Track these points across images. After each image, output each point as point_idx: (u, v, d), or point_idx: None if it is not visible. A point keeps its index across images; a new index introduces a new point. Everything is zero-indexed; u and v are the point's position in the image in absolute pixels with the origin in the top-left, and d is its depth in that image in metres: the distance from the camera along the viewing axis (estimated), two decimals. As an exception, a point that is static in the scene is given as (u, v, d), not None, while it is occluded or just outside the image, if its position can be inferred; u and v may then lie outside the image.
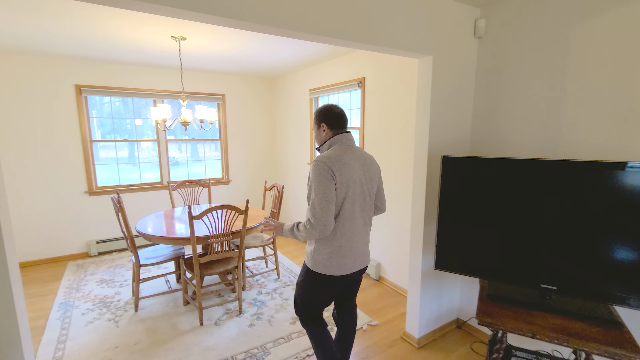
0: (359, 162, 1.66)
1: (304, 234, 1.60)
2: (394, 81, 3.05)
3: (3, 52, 3.53)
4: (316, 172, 1.55)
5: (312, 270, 1.68)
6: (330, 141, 1.69)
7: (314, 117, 1.76)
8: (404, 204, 3.07)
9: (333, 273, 1.64)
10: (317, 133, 1.77)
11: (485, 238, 1.80)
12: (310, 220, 1.55)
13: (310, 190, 1.57)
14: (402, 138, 3.03)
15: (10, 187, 3.75)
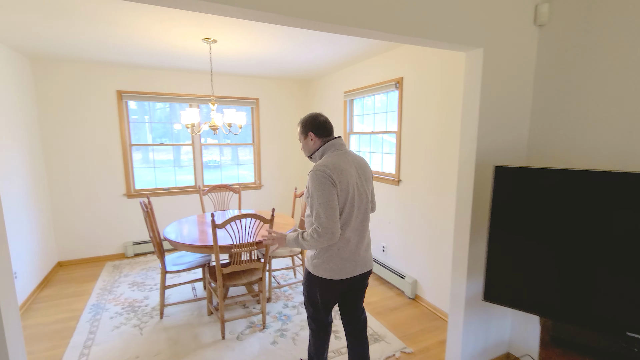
0: (354, 166, 1.68)
1: (311, 243, 1.59)
2: (435, 80, 2.76)
3: (51, 60, 3.72)
4: (316, 181, 1.56)
5: (313, 274, 1.71)
6: (322, 148, 1.71)
7: (300, 128, 1.77)
8: (446, 217, 2.75)
9: (333, 277, 1.67)
10: (304, 143, 1.78)
11: (550, 266, 1.47)
12: (317, 229, 1.56)
13: (313, 200, 1.58)
14: (443, 143, 2.72)
15: (55, 189, 3.94)
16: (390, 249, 3.47)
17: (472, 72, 1.85)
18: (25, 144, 3.36)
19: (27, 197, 3.32)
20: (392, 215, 3.40)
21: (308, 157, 1.80)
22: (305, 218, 1.73)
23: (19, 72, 3.40)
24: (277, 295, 3.20)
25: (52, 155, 3.89)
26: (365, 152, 3.93)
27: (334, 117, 4.44)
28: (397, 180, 3.26)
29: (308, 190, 1.61)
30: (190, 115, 2.81)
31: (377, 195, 3.63)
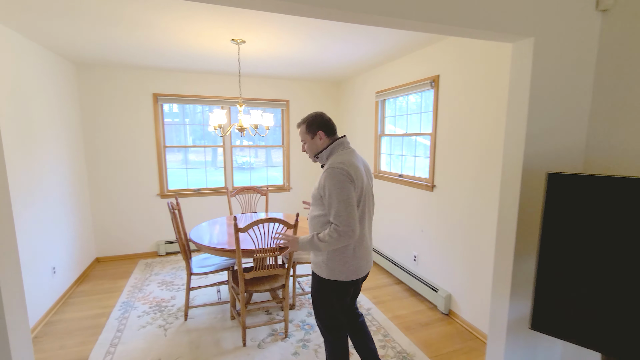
0: (361, 164, 1.70)
1: (330, 243, 1.56)
2: (475, 77, 2.52)
3: (94, 65, 3.90)
4: (335, 179, 1.55)
5: (328, 279, 1.67)
6: (331, 147, 1.72)
7: (306, 126, 1.74)
8: (485, 228, 2.50)
9: (350, 278, 1.67)
10: (311, 143, 1.75)
11: (618, 293, 1.23)
12: (338, 228, 1.53)
13: (331, 199, 1.56)
14: (484, 147, 2.48)
15: (94, 188, 4.12)
16: (422, 258, 3.24)
17: (520, 65, 1.63)
18: (68, 146, 3.53)
19: (68, 196, 3.49)
20: (425, 223, 3.18)
21: (313, 157, 1.78)
22: (312, 219, 1.70)
23: (65, 77, 3.59)
24: (301, 302, 3.10)
25: (92, 156, 4.08)
26: (397, 155, 3.74)
27: (365, 118, 4.28)
28: (431, 185, 3.04)
29: (323, 188, 1.59)
30: (218, 116, 2.79)
31: (409, 200, 3.42)
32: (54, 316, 2.92)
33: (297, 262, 2.95)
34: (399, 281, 3.58)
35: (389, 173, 3.83)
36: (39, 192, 2.91)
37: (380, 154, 4.02)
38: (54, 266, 3.08)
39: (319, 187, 1.64)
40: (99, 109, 4.03)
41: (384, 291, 3.36)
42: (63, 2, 2.09)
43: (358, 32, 2.65)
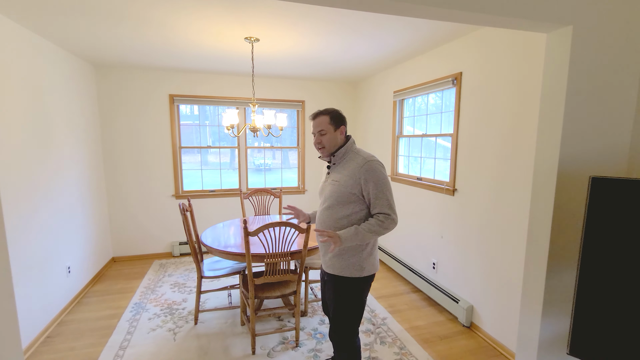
0: None
1: (380, 232, 1.59)
2: (502, 73, 2.35)
3: (112, 67, 3.94)
4: (379, 171, 1.60)
5: (361, 277, 1.67)
6: (347, 145, 1.70)
7: (330, 117, 1.67)
8: (511, 235, 2.32)
9: (376, 268, 1.74)
10: (333, 137, 1.68)
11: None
12: (392, 216, 1.60)
13: (380, 190, 1.59)
14: (509, 148, 2.30)
15: (112, 188, 4.15)
16: (442, 266, 3.07)
17: (555, 58, 1.47)
18: (87, 146, 3.57)
19: (86, 196, 3.52)
20: (445, 229, 3.01)
21: (328, 152, 1.70)
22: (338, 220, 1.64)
23: (85, 78, 3.63)
24: (314, 309, 2.98)
25: (110, 156, 4.12)
26: (415, 157, 3.58)
27: (382, 119, 4.13)
28: (452, 189, 2.87)
29: (365, 183, 1.58)
30: (230, 116, 2.72)
31: (428, 205, 3.26)
32: (67, 316, 2.93)
33: (309, 267, 2.84)
34: (416, 289, 3.41)
35: (407, 176, 3.67)
36: (55, 192, 2.93)
37: (398, 155, 3.87)
38: (69, 265, 3.10)
39: (353, 184, 1.59)
40: (116, 110, 4.07)
41: (401, 299, 3.20)
42: (75, 1, 2.07)
43: (376, 29, 2.52)
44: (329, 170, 1.75)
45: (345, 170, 1.64)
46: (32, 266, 2.54)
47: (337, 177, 1.66)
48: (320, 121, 1.67)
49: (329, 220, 1.66)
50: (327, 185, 1.70)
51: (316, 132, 1.68)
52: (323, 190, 1.74)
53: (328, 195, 1.66)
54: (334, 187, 1.64)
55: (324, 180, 1.79)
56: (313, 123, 1.70)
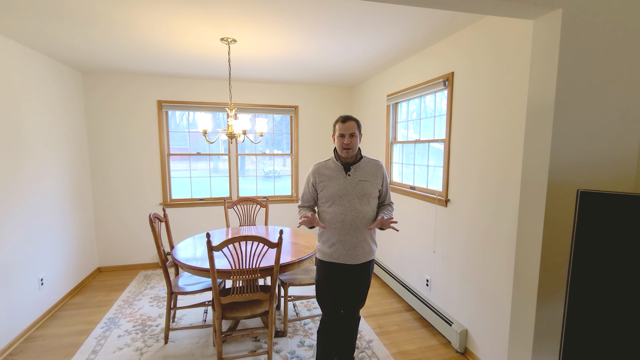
0: None
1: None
2: (495, 73, 2.12)
3: (100, 73, 3.86)
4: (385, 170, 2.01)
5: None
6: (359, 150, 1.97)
7: (357, 125, 1.89)
8: (506, 252, 2.06)
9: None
10: (357, 141, 1.90)
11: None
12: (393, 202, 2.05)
13: (387, 186, 1.99)
14: (506, 155, 2.06)
15: (98, 196, 4.05)
16: (436, 284, 2.81)
17: (544, 47, 1.25)
18: (71, 153, 3.47)
19: (69, 204, 3.41)
20: (438, 243, 2.76)
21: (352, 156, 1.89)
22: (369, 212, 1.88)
23: (71, 84, 3.56)
24: (294, 329, 2.76)
25: (97, 163, 4.02)
26: (408, 164, 3.35)
27: (376, 125, 3.92)
28: (445, 199, 2.63)
29: (383, 180, 1.95)
30: (204, 122, 2.56)
31: (420, 216, 3.01)
32: (37, 331, 2.79)
33: (289, 284, 2.63)
34: (409, 307, 3.15)
35: (401, 185, 3.43)
36: (28, 201, 2.81)
37: (392, 162, 3.64)
38: (42, 277, 2.97)
39: (380, 182, 1.93)
40: (104, 116, 3.98)
41: (392, 319, 2.94)
42: (50, 6, 1.96)
43: (363, 28, 2.34)
44: (349, 172, 1.89)
45: (367, 172, 1.91)
46: None
47: (363, 177, 1.89)
48: (351, 125, 1.86)
49: (369, 214, 1.89)
50: (355, 185, 1.87)
51: (347, 134, 1.85)
52: (348, 190, 1.86)
53: (361, 193, 1.86)
54: (365, 186, 1.87)
55: (341, 182, 1.88)
56: (343, 126, 1.86)
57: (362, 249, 1.89)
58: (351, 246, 1.86)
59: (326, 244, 1.92)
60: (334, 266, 1.92)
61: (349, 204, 1.85)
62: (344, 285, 1.96)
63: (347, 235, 1.85)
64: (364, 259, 1.91)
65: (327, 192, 1.88)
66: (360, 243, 1.88)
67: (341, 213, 1.85)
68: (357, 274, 1.93)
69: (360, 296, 1.98)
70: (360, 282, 1.95)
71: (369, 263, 1.96)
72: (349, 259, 1.88)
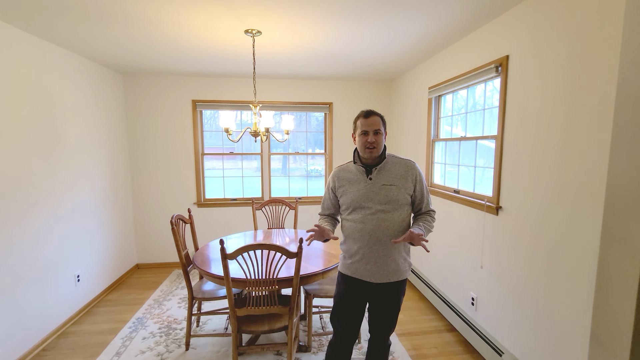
0: None
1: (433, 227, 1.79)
2: (562, 55, 1.71)
3: (139, 74, 3.94)
4: (421, 171, 1.69)
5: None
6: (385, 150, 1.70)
7: (382, 121, 1.64)
8: (578, 272, 1.65)
9: None
10: (383, 139, 1.64)
11: None
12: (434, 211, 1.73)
13: (424, 189, 1.67)
14: (577, 155, 1.65)
15: (138, 195, 4.15)
16: (483, 303, 2.43)
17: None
18: (112, 153, 3.57)
19: (107, 202, 3.50)
20: (486, 257, 2.37)
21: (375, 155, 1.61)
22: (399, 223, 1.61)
23: (113, 86, 3.69)
24: (320, 344, 2.54)
25: (137, 162, 4.12)
26: (452, 165, 2.96)
27: (416, 121, 3.56)
28: (495, 206, 2.24)
29: (419, 182, 1.65)
30: (226, 119, 2.43)
31: (465, 224, 2.63)
32: (72, 326, 2.86)
33: (314, 295, 2.42)
34: (450, 327, 2.78)
35: (443, 188, 3.06)
36: (67, 200, 2.90)
37: (433, 163, 3.27)
38: (78, 274, 3.06)
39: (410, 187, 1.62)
40: (143, 117, 4.07)
41: (430, 340, 2.61)
42: (84, 7, 1.94)
43: (401, 12, 2.05)
44: (371, 175, 1.63)
45: (394, 174, 1.62)
46: (32, 275, 2.49)
47: (389, 181, 1.61)
48: (376, 120, 1.60)
49: (397, 225, 1.60)
50: (377, 190, 1.60)
51: (371, 130, 1.59)
52: (369, 195, 1.60)
53: (386, 199, 1.59)
54: (390, 191, 1.60)
55: (362, 186, 1.63)
56: (366, 122, 1.60)
57: (386, 265, 1.60)
58: (373, 260, 1.60)
59: (346, 255, 1.69)
60: (355, 282, 1.67)
61: (371, 211, 1.59)
62: (365, 306, 1.71)
63: (368, 247, 1.59)
64: (391, 278, 1.62)
65: (346, 198, 1.65)
66: (384, 258, 1.60)
67: (360, 221, 1.60)
68: (381, 295, 1.66)
69: (385, 322, 1.70)
70: (385, 305, 1.67)
71: (399, 284, 1.66)
72: (370, 275, 1.62)
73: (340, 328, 1.72)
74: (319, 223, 1.67)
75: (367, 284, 1.65)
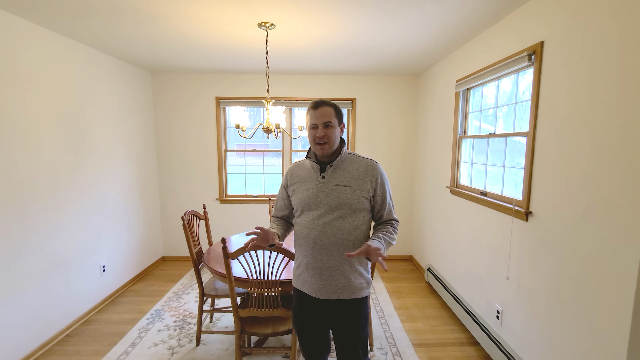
0: None
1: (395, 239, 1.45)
2: (608, 37, 1.47)
3: (162, 71, 4.05)
4: (384, 173, 1.47)
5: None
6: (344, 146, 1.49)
7: (336, 112, 1.42)
8: (622, 287, 1.42)
9: None
10: (337, 133, 1.43)
11: None
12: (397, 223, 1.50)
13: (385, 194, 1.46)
14: (623, 154, 1.41)
15: (164, 189, 4.29)
16: (509, 318, 2.20)
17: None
18: (139, 149, 3.70)
19: (134, 196, 3.64)
20: (513, 267, 2.14)
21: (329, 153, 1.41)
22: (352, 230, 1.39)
23: (142, 84, 3.83)
24: (330, 349, 2.44)
25: (164, 158, 4.25)
26: (479, 164, 2.73)
27: (444, 117, 3.34)
28: (525, 211, 2.01)
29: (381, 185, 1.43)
30: (237, 116, 2.39)
31: (490, 229, 2.40)
32: (96, 314, 2.99)
33: (323, 298, 2.32)
34: (473, 340, 2.56)
35: (469, 189, 2.83)
36: (94, 193, 3.02)
37: (460, 162, 3.03)
38: (104, 264, 3.19)
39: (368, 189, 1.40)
40: (170, 113, 4.18)
41: (450, 353, 2.42)
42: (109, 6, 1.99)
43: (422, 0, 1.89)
44: (324, 173, 1.42)
45: (351, 174, 1.41)
46: (59, 264, 2.62)
47: (343, 181, 1.40)
48: (325, 112, 1.39)
49: (342, 234, 1.38)
50: (329, 190, 1.39)
51: (320, 123, 1.38)
52: (319, 196, 1.40)
53: (337, 202, 1.38)
54: (343, 193, 1.38)
55: (313, 185, 1.42)
56: (315, 113, 1.39)
57: (332, 279, 1.38)
58: (318, 272, 1.39)
59: (295, 264, 1.52)
60: (304, 298, 1.46)
61: (318, 215, 1.38)
62: (326, 329, 1.50)
63: (312, 256, 1.39)
64: (341, 295, 1.39)
65: (296, 197, 1.46)
66: (330, 270, 1.37)
67: (306, 226, 1.40)
68: (336, 316, 1.42)
69: (345, 348, 1.44)
70: (342, 328, 1.43)
71: (354, 303, 1.41)
72: (316, 290, 1.40)
73: (303, 353, 1.56)
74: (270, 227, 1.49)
75: (317, 301, 1.42)
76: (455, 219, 3.02)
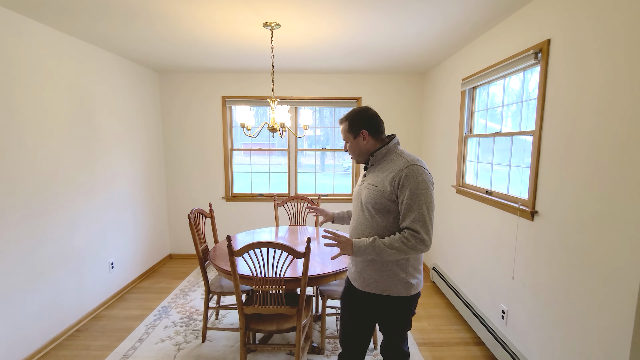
0: None
1: (401, 251, 1.32)
2: (617, 36, 1.45)
3: (169, 71, 4.10)
4: (423, 178, 1.34)
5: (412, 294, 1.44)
6: (390, 145, 1.45)
7: (347, 125, 1.47)
8: (624, 300, 1.41)
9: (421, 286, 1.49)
10: (354, 144, 1.48)
11: None
12: (418, 235, 1.31)
13: (415, 200, 1.32)
14: (630, 154, 1.39)
15: (171, 188, 4.34)
16: (514, 318, 2.19)
17: None
18: (146, 148, 3.75)
19: (142, 194, 3.69)
20: (519, 267, 2.13)
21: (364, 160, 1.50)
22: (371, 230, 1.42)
23: (149, 83, 3.87)
24: (334, 346, 2.46)
25: (171, 157, 4.30)
26: (485, 164, 2.71)
27: (450, 116, 3.32)
28: (530, 210, 1.99)
29: (400, 189, 1.34)
30: (242, 115, 2.41)
31: (496, 229, 2.39)
32: (104, 310, 3.05)
33: (328, 296, 2.34)
34: (478, 340, 2.55)
35: (475, 188, 2.81)
36: (103, 192, 3.08)
37: (465, 161, 3.02)
38: (112, 262, 3.25)
39: (391, 190, 1.35)
40: (177, 113, 4.22)
41: (454, 353, 2.41)
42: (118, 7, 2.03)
43: None
44: (366, 172, 1.53)
45: (383, 174, 1.41)
46: (69, 261, 2.67)
47: (374, 181, 1.43)
48: (342, 129, 1.52)
49: (368, 232, 1.43)
50: (363, 190, 1.48)
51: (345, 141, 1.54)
52: (359, 195, 1.51)
53: (365, 201, 1.44)
54: (370, 192, 1.42)
55: (359, 183, 1.56)
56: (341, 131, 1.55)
57: (359, 273, 1.48)
58: (354, 262, 1.53)
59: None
60: (348, 283, 1.60)
61: (355, 212, 1.54)
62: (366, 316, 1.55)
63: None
64: (372, 289, 1.45)
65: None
66: (361, 263, 1.47)
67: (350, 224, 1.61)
68: (365, 305, 1.50)
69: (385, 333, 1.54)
70: (380, 318, 1.51)
71: (385, 300, 1.44)
72: (353, 279, 1.54)
73: (341, 336, 1.63)
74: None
75: (355, 290, 1.53)
76: (461, 218, 3.01)
